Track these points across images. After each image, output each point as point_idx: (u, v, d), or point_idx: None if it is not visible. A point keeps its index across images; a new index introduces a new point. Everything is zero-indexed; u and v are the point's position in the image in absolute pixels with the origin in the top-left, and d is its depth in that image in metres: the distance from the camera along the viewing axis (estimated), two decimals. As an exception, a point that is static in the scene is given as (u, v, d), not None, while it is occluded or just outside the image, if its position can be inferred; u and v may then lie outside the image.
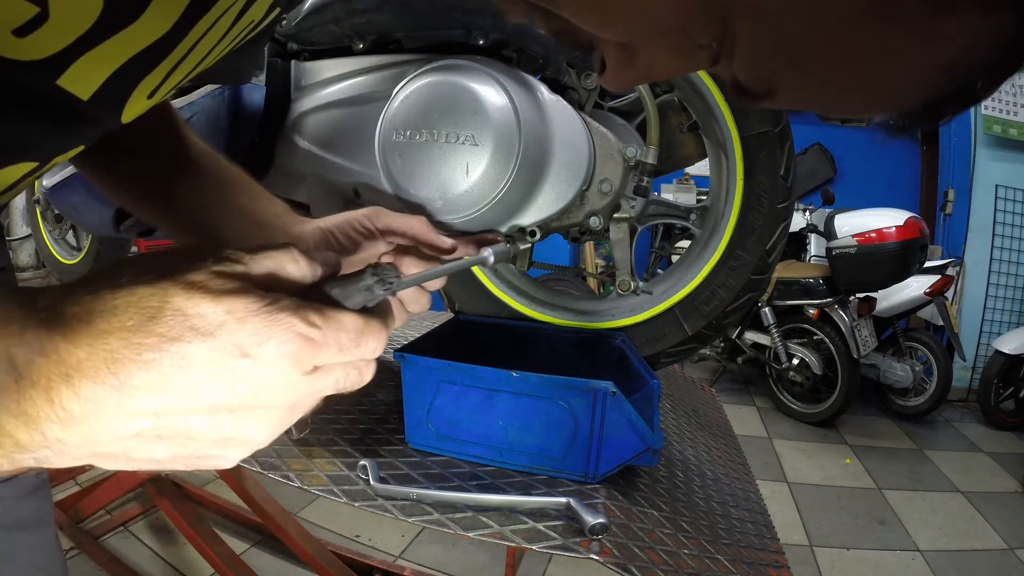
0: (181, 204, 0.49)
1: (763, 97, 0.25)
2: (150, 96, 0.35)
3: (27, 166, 0.33)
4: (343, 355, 0.25)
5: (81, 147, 0.38)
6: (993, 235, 3.84)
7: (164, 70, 0.34)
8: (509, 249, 0.53)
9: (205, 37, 0.34)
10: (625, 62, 0.27)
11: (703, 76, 0.88)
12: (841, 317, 3.11)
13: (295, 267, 0.27)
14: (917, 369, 3.31)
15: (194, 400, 0.23)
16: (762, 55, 0.24)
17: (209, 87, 0.86)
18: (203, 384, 0.23)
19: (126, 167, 0.49)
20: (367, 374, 0.28)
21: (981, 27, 0.20)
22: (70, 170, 1.05)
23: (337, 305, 0.27)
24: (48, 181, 1.10)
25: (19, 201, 2.39)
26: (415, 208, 0.68)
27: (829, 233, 3.20)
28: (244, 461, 0.69)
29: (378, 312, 0.28)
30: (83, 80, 0.30)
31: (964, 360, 3.52)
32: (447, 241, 0.47)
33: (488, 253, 0.47)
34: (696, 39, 0.25)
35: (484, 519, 0.62)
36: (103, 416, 0.22)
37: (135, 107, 0.35)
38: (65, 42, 0.27)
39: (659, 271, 3.87)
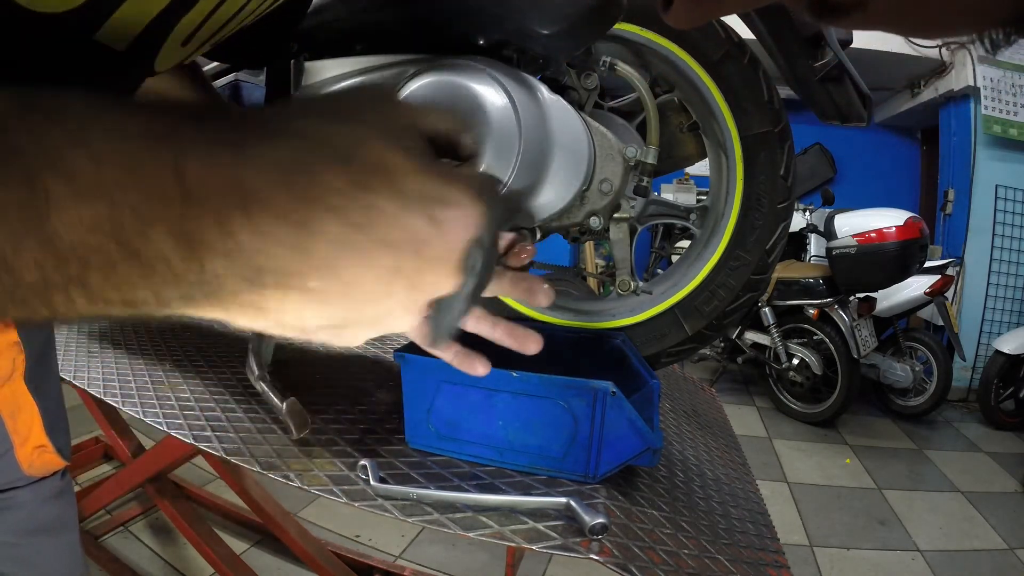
0: None
1: (850, 10, 0.22)
2: (184, 43, 0.33)
3: None
4: None
5: None
6: (993, 235, 3.84)
7: (201, 13, 0.31)
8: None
9: None
10: None
11: (703, 76, 0.88)
12: (841, 317, 3.11)
13: (469, 139, 0.26)
14: (917, 369, 3.31)
15: (377, 256, 0.21)
16: None
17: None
18: (388, 243, 0.21)
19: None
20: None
21: None
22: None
23: None
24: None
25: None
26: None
27: (829, 233, 3.20)
28: (244, 461, 0.70)
29: None
30: (121, 30, 0.28)
31: (964, 360, 3.53)
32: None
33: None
34: None
35: (484, 519, 0.62)
36: (276, 258, 0.20)
37: (169, 54, 0.33)
38: None
39: (659, 271, 3.87)
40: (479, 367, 0.38)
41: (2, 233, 0.16)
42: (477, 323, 0.41)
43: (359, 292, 0.21)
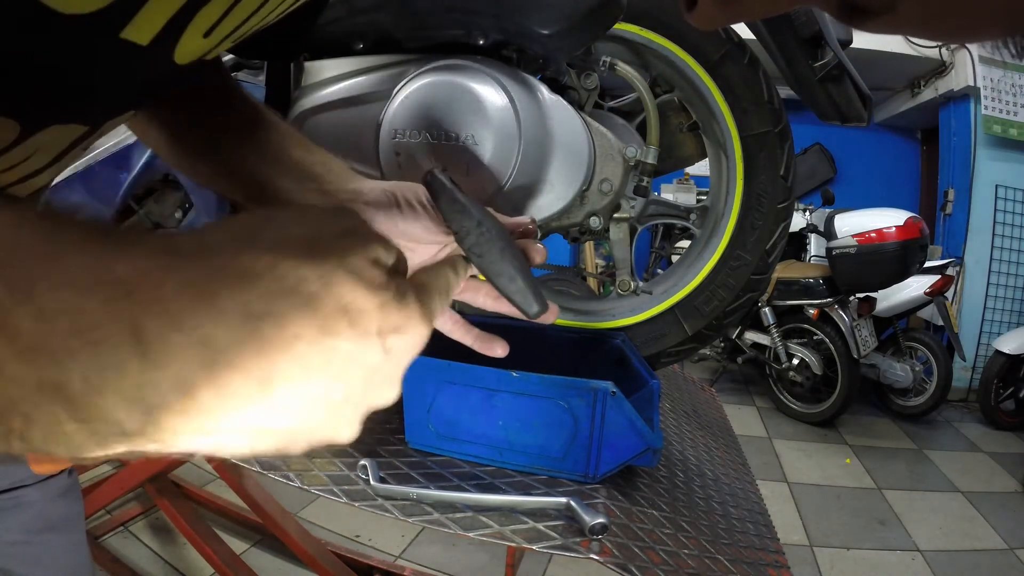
0: (238, 157, 0.48)
1: (879, 13, 0.22)
2: (206, 35, 0.33)
3: (78, 129, 0.32)
4: None
5: (130, 112, 0.36)
6: (993, 235, 3.84)
7: (223, 3, 0.31)
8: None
9: None
10: None
11: (703, 76, 0.88)
12: (841, 317, 3.11)
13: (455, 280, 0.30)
14: (917, 369, 3.31)
15: (330, 393, 0.22)
16: None
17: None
18: (342, 378, 0.22)
19: (183, 123, 0.48)
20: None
21: None
22: (71, 170, 1.05)
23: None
24: (48, 181, 1.10)
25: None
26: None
27: (829, 233, 3.20)
28: (244, 461, 0.70)
29: None
30: (146, 26, 0.28)
31: (964, 360, 3.53)
32: (523, 220, 0.45)
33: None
34: None
35: (484, 519, 0.62)
36: (238, 411, 0.19)
37: (189, 45, 0.32)
38: None
39: (659, 271, 3.87)
40: (499, 349, 0.42)
41: None
42: (453, 328, 0.44)
43: (309, 423, 0.22)
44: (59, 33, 0.25)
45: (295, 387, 0.20)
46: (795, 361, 3.29)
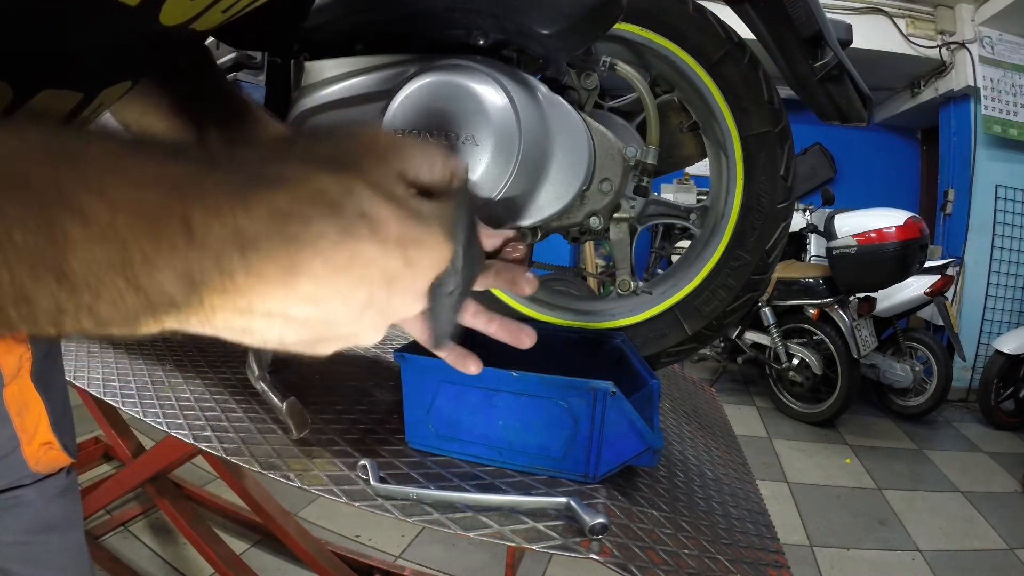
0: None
1: None
2: None
3: (73, 96, 0.33)
4: None
5: (126, 83, 0.38)
6: (993, 235, 3.84)
7: None
8: None
9: None
10: None
11: (703, 76, 0.88)
12: (841, 317, 3.11)
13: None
14: (917, 369, 3.31)
15: (354, 293, 0.24)
16: None
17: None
18: (366, 281, 0.24)
19: (169, 106, 0.50)
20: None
21: None
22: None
23: None
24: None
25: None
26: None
27: (829, 233, 3.20)
28: (244, 461, 0.70)
29: None
30: None
31: (964, 360, 3.53)
32: (509, 235, 0.45)
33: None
34: None
35: (484, 519, 0.62)
36: (266, 294, 0.22)
37: (177, 6, 0.34)
38: None
39: (659, 271, 3.88)
40: (472, 366, 0.43)
41: (23, 267, 0.18)
42: (474, 319, 0.43)
43: (335, 318, 0.25)
44: None
45: (319, 281, 0.23)
46: (795, 361, 3.29)
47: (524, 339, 0.43)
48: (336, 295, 0.24)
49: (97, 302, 0.20)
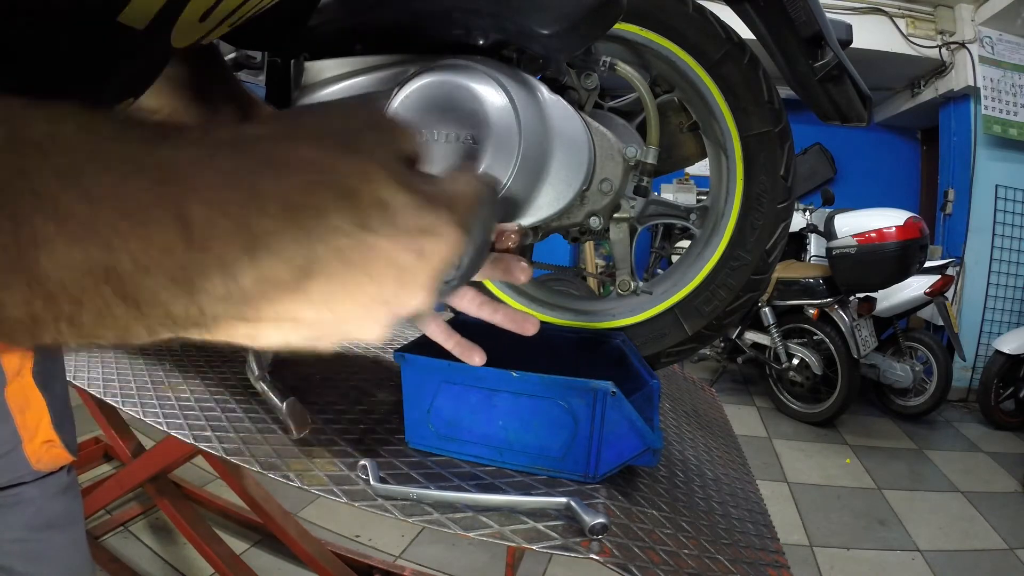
0: None
1: None
2: (203, 19, 0.33)
3: None
4: None
5: (130, 100, 0.36)
6: (993, 235, 3.84)
7: None
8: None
9: None
10: None
11: (703, 76, 0.88)
12: (841, 317, 3.11)
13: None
14: (917, 369, 3.31)
15: (365, 289, 0.22)
16: None
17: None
18: (377, 275, 0.22)
19: (176, 108, 0.49)
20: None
21: None
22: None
23: None
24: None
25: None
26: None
27: (829, 233, 3.20)
28: (244, 461, 0.70)
29: None
30: (142, 10, 0.28)
31: (964, 360, 3.53)
32: (510, 227, 0.45)
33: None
34: None
35: (484, 519, 0.62)
36: (273, 299, 0.20)
37: (186, 29, 0.32)
38: None
39: (659, 271, 3.87)
40: (477, 357, 0.43)
41: None
42: (480, 309, 0.43)
43: (341, 315, 0.22)
44: (56, 17, 0.25)
45: (332, 279, 0.21)
46: (795, 361, 3.29)
47: (528, 327, 0.42)
48: (346, 292, 0.21)
49: (79, 312, 0.17)
